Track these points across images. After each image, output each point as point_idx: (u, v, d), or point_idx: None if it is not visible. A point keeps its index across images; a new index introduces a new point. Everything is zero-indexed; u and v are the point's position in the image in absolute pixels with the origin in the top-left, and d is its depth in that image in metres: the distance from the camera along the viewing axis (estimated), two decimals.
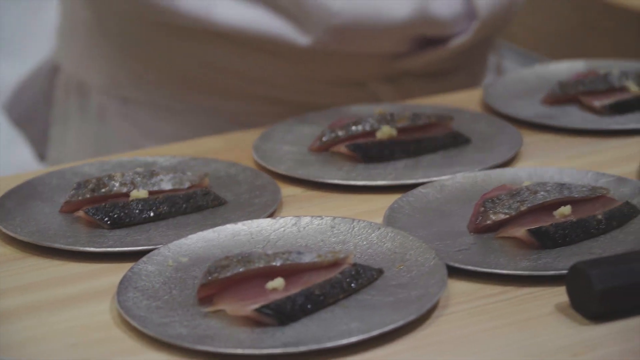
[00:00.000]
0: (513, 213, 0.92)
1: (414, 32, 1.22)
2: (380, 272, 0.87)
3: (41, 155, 1.37)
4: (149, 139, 1.25)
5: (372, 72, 1.25)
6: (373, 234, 0.91)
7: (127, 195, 0.97)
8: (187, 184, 0.98)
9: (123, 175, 0.98)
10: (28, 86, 1.36)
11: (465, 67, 1.32)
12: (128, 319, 0.82)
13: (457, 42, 1.26)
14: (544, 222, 0.92)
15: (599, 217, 0.93)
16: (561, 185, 0.95)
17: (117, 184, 0.97)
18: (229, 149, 1.10)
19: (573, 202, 0.94)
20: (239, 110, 1.25)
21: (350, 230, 0.92)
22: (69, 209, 0.97)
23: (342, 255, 0.87)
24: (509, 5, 1.29)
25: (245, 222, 0.93)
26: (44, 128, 1.35)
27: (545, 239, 0.91)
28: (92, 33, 1.26)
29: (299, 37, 1.20)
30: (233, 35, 1.20)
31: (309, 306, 0.83)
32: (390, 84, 1.26)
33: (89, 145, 1.28)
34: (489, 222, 0.93)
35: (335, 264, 0.86)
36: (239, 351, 0.79)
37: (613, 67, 1.22)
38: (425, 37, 1.22)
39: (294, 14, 1.19)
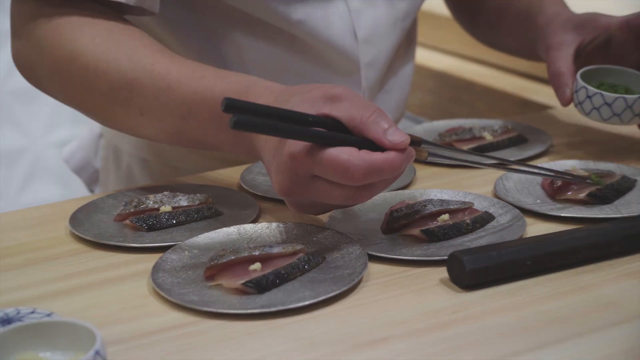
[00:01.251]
0: (410, 219, 0.93)
1: None
2: (324, 258, 0.88)
3: (91, 191, 1.36)
4: None
5: None
6: (319, 234, 0.92)
7: (157, 209, 0.97)
8: (197, 202, 0.99)
9: (155, 196, 0.99)
10: (82, 146, 1.35)
11: None
12: (158, 290, 0.83)
13: None
14: (431, 225, 0.92)
15: (468, 221, 0.93)
16: (442, 201, 0.96)
17: (151, 202, 0.97)
18: (224, 179, 1.11)
19: (450, 211, 0.94)
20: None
21: (304, 231, 0.93)
22: (120, 219, 0.97)
23: (298, 247, 0.87)
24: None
25: (235, 226, 0.94)
26: (94, 174, 1.34)
27: (432, 236, 0.91)
28: None
29: None
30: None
31: (277, 281, 0.84)
32: None
33: (122, 186, 1.26)
34: (394, 225, 0.93)
35: (294, 253, 0.86)
36: (232, 311, 0.80)
37: (474, 123, 1.24)
38: None
39: None
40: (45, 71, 1.01)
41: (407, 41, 1.26)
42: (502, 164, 0.99)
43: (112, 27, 0.99)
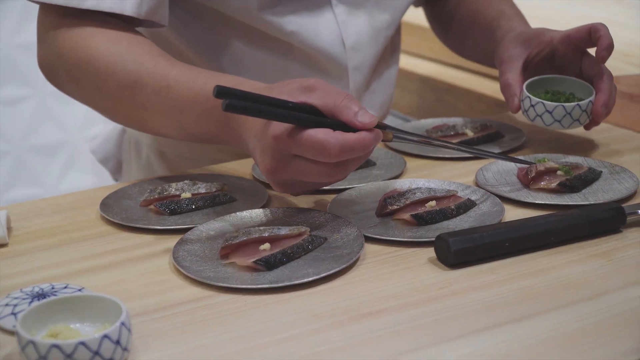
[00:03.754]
0: (402, 205, 0.91)
1: None
2: (325, 239, 0.86)
3: (116, 180, 1.36)
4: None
5: None
6: (321, 217, 0.90)
7: (179, 196, 0.95)
8: (214, 189, 0.97)
9: (176, 184, 0.96)
10: (107, 139, 1.35)
11: None
12: (179, 267, 0.82)
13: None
14: (420, 210, 0.91)
15: (452, 207, 0.92)
16: (429, 189, 0.94)
17: (173, 189, 0.95)
18: (239, 169, 1.09)
19: (436, 198, 0.93)
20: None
21: (308, 216, 0.91)
22: (145, 204, 0.96)
23: (303, 230, 0.86)
24: None
25: (247, 211, 0.92)
26: (118, 164, 1.33)
27: (421, 220, 0.90)
28: None
29: None
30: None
31: (284, 259, 0.82)
32: None
33: (142, 175, 1.26)
34: (387, 210, 0.92)
35: (299, 234, 0.85)
36: (244, 286, 0.79)
37: (457, 121, 1.22)
38: None
39: None
40: (63, 73, 1.03)
41: (391, 48, 1.26)
42: (446, 146, 0.97)
43: (121, 36, 1.01)
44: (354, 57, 1.17)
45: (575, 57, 1.12)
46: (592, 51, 1.11)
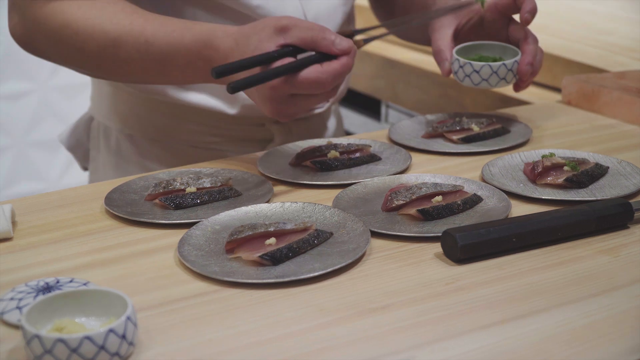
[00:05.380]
0: (408, 200, 0.91)
1: None
2: (331, 234, 0.86)
3: (84, 168, 1.37)
4: (148, 160, 1.24)
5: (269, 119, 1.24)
6: (327, 212, 0.90)
7: (184, 190, 0.95)
8: (219, 184, 0.96)
9: (181, 178, 0.96)
10: (76, 128, 1.35)
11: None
12: (184, 262, 0.82)
13: None
14: (426, 205, 0.91)
15: (459, 202, 0.92)
16: (435, 184, 0.94)
17: (177, 184, 0.95)
18: (244, 164, 1.09)
19: (443, 193, 0.93)
20: (201, 140, 1.24)
21: (313, 210, 0.91)
22: (150, 198, 0.96)
23: (309, 224, 0.86)
24: None
25: (252, 205, 0.92)
26: (86, 152, 1.34)
27: (427, 215, 0.90)
28: (112, 99, 1.25)
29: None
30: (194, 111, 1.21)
31: (290, 254, 0.82)
32: (280, 125, 1.25)
33: (111, 163, 1.28)
34: (394, 205, 0.91)
35: (305, 229, 0.85)
36: (249, 281, 0.79)
37: (462, 116, 1.22)
38: None
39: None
40: (41, 38, 1.07)
41: (348, 22, 1.29)
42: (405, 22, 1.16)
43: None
44: None
45: (502, 23, 1.19)
46: (517, 18, 1.17)
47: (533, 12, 1.13)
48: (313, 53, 0.96)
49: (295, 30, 0.96)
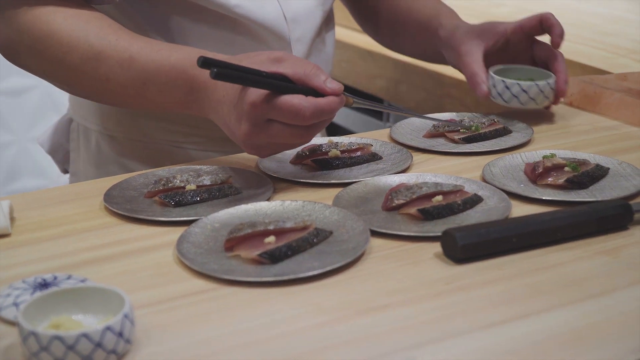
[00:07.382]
0: (408, 199, 0.91)
1: None
2: (330, 233, 0.86)
3: (64, 170, 1.36)
4: (129, 160, 1.22)
5: None
6: (327, 211, 0.90)
7: (183, 187, 0.95)
8: (219, 181, 0.96)
9: (181, 176, 0.96)
10: (55, 131, 1.34)
11: None
12: (182, 260, 0.82)
13: None
14: (426, 205, 0.90)
15: (459, 202, 0.91)
16: (436, 183, 0.94)
17: (177, 181, 0.95)
18: (244, 161, 1.09)
19: (443, 193, 0.93)
20: (183, 140, 1.21)
21: (313, 208, 0.90)
22: (149, 195, 0.95)
23: (308, 223, 0.85)
24: None
25: (252, 203, 0.92)
26: (66, 154, 1.33)
27: (428, 215, 0.90)
28: (90, 102, 1.24)
29: None
30: None
31: (289, 252, 0.82)
32: None
33: (92, 164, 1.26)
34: (394, 204, 0.91)
35: (304, 228, 0.85)
36: (248, 279, 0.78)
37: (464, 116, 1.22)
38: None
39: None
40: (23, 48, 1.06)
41: (326, 22, 1.28)
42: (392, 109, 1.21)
43: (81, 12, 1.05)
44: (295, 29, 1.20)
45: (526, 45, 1.24)
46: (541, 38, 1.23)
47: (562, 35, 1.19)
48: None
49: (289, 62, 0.94)
